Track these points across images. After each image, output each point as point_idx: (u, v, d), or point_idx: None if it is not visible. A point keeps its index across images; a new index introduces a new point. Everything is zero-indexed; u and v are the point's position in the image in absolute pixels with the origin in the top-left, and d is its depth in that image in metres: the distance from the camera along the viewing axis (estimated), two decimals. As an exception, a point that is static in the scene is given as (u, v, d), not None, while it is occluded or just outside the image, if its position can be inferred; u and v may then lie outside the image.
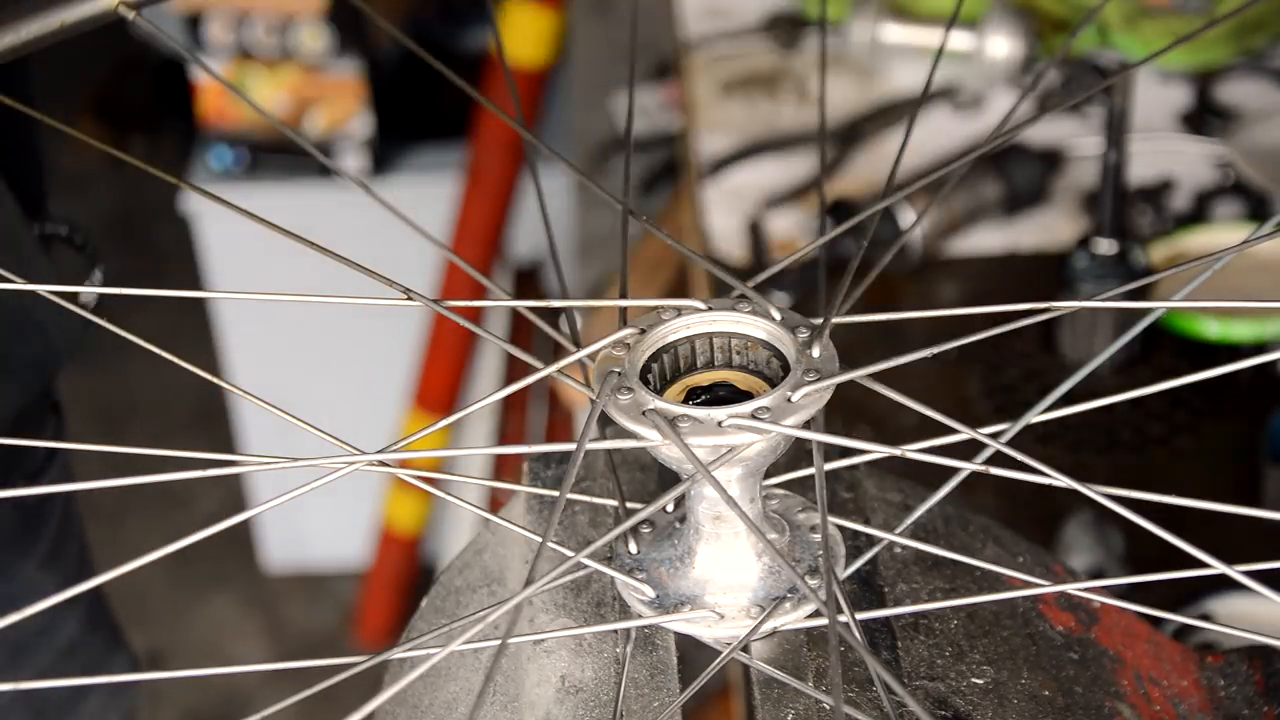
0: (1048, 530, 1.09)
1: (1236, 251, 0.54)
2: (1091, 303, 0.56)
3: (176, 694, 2.58)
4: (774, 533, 0.58)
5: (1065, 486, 0.51)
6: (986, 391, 1.27)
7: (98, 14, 0.61)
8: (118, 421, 3.05)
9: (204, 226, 2.45)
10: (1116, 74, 1.40)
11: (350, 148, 2.41)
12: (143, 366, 3.08)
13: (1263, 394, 1.22)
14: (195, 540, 0.53)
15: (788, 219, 1.49)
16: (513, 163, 2.29)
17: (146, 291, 0.60)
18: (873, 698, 0.55)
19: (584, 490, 0.64)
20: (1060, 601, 0.63)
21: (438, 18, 2.63)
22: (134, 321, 0.54)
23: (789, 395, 0.53)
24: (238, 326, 2.54)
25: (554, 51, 2.27)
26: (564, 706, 0.57)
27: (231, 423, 2.69)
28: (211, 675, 0.91)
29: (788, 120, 1.63)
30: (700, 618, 0.56)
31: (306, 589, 2.75)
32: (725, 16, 1.80)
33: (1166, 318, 1.28)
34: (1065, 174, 1.49)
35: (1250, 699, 0.63)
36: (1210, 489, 1.18)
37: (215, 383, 0.59)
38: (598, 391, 0.54)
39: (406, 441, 0.58)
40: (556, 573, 0.54)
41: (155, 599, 2.71)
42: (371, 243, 1.40)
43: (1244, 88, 1.60)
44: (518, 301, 0.61)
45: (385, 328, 2.50)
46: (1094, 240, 1.27)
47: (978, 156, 0.60)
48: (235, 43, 2.36)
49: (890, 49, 1.66)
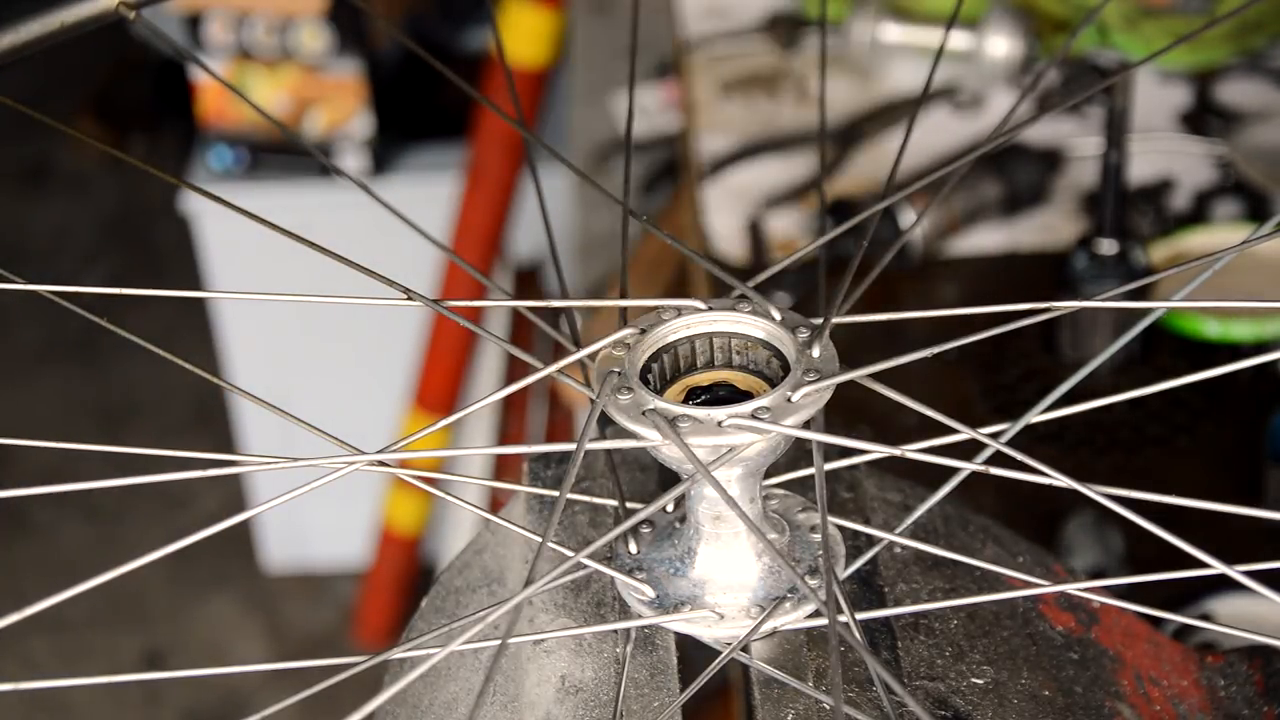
0: (1048, 530, 1.09)
1: (1236, 251, 0.54)
2: (1091, 303, 0.56)
3: (176, 694, 2.58)
4: (774, 533, 0.58)
5: (1065, 486, 0.51)
6: (986, 391, 1.27)
7: (98, 14, 0.61)
8: (118, 421, 3.05)
9: (204, 226, 2.45)
10: (1116, 74, 1.40)
11: (350, 148, 2.41)
12: (143, 366, 3.09)
13: (1263, 394, 1.22)
14: (195, 540, 0.53)
15: (788, 219, 1.49)
16: (513, 163, 2.29)
17: (146, 291, 0.60)
18: (873, 698, 0.55)
19: (584, 490, 0.64)
20: (1060, 601, 0.63)
21: (438, 18, 2.63)
22: (134, 321, 0.54)
23: (789, 395, 0.53)
24: (238, 326, 2.54)
25: (554, 51, 2.27)
26: (564, 706, 0.57)
27: (231, 423, 2.69)
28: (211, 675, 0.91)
29: (788, 120, 1.63)
30: (700, 618, 0.56)
31: (306, 589, 2.74)
32: (725, 16, 1.80)
33: (1166, 318, 1.28)
34: (1065, 174, 1.49)
35: (1250, 699, 0.63)
36: (1210, 489, 1.18)
37: (215, 383, 0.59)
38: (598, 391, 0.54)
39: (406, 441, 0.58)
40: (556, 573, 0.54)
41: (155, 599, 2.71)
42: (371, 243, 1.40)
43: (1244, 88, 1.60)
44: (518, 301, 0.61)
45: (385, 328, 2.50)
46: (1094, 240, 1.27)
47: (978, 156, 0.60)
48: (235, 43, 2.36)
49: (890, 49, 1.66)
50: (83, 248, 3.44)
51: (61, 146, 3.62)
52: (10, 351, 3.19)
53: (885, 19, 1.66)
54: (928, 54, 1.65)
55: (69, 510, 2.84)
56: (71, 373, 3.14)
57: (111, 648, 2.66)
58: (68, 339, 3.18)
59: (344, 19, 2.32)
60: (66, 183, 3.59)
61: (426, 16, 2.62)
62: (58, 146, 3.62)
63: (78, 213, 3.51)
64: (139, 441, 2.95)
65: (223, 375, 2.20)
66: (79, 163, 3.59)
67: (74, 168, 3.60)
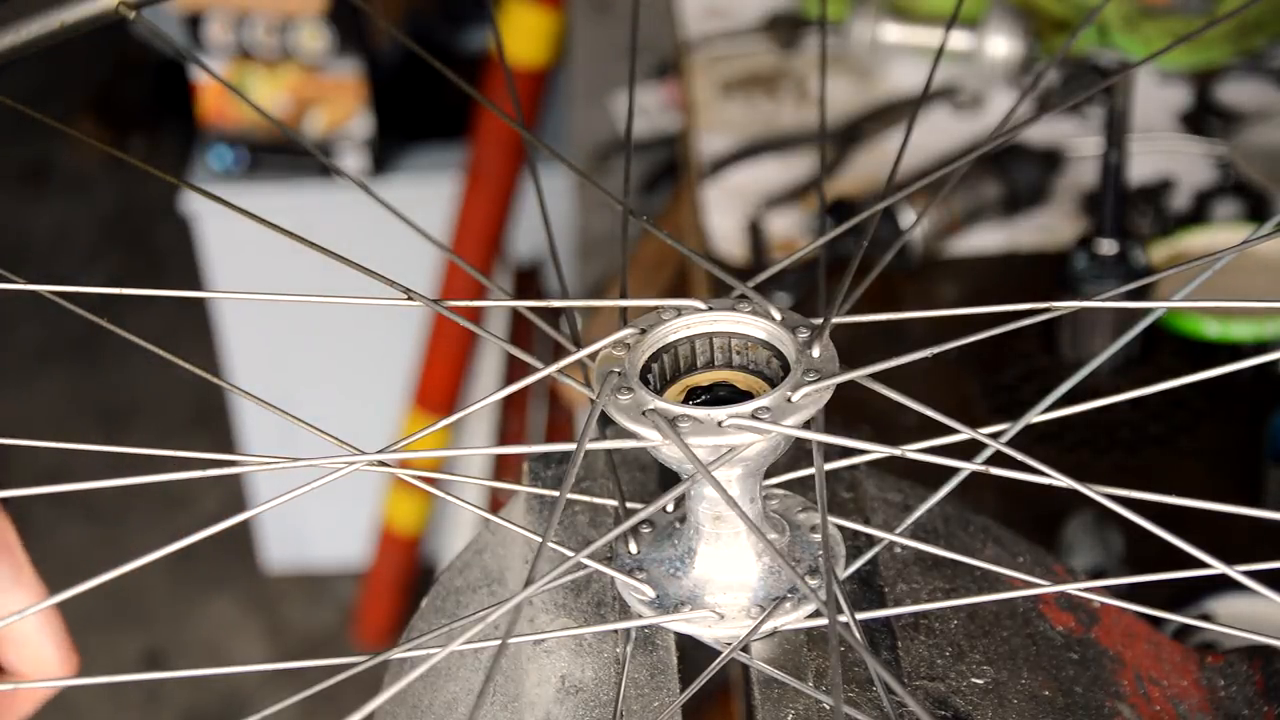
0: (1048, 530, 1.09)
1: (1236, 251, 0.54)
2: (1091, 303, 0.56)
3: (176, 694, 2.58)
4: (774, 533, 0.58)
5: (1065, 486, 0.51)
6: (986, 391, 1.27)
7: (98, 14, 0.61)
8: (118, 421, 3.06)
9: (204, 226, 2.45)
10: (1116, 74, 1.40)
11: (350, 148, 2.41)
12: (143, 366, 3.09)
13: (1263, 394, 1.22)
14: (195, 540, 0.53)
15: (788, 219, 1.49)
16: (513, 163, 2.29)
17: (146, 291, 0.60)
18: (873, 698, 0.55)
19: (584, 490, 0.64)
20: (1060, 601, 0.63)
21: (438, 18, 2.63)
22: (134, 322, 0.54)
23: (789, 395, 0.53)
24: (238, 326, 2.54)
25: (554, 51, 2.27)
26: (564, 706, 0.57)
27: (231, 423, 2.69)
28: (211, 675, 0.91)
29: (788, 120, 1.63)
30: (700, 618, 0.56)
31: (306, 589, 2.75)
32: (725, 16, 1.80)
33: (1166, 318, 1.28)
34: (1065, 174, 1.49)
35: (1250, 699, 0.63)
36: (1210, 489, 1.18)
37: (215, 383, 0.59)
38: (598, 391, 0.54)
39: (406, 441, 0.58)
40: (556, 573, 0.54)
41: (155, 599, 2.71)
42: (371, 243, 1.40)
43: (1244, 88, 1.60)
44: (518, 301, 0.61)
45: (385, 328, 2.50)
46: (1094, 240, 1.27)
47: (978, 156, 0.60)
48: (235, 43, 2.36)
49: (890, 49, 1.66)
50: (83, 248, 3.44)
51: (61, 146, 3.62)
52: (10, 351, 3.19)
53: (885, 19, 1.66)
54: (928, 54, 1.65)
55: (69, 510, 2.84)
56: (71, 373, 3.14)
57: (111, 648, 2.66)
58: (68, 339, 3.19)
59: (344, 19, 2.32)
60: (66, 183, 3.60)
61: (426, 16, 2.63)
62: (58, 146, 3.62)
63: (78, 213, 3.51)
64: (139, 441, 2.96)
65: (223, 375, 2.20)
66: (79, 163, 3.60)
67: (74, 168, 3.60)
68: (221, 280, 2.48)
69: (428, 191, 2.38)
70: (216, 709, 2.57)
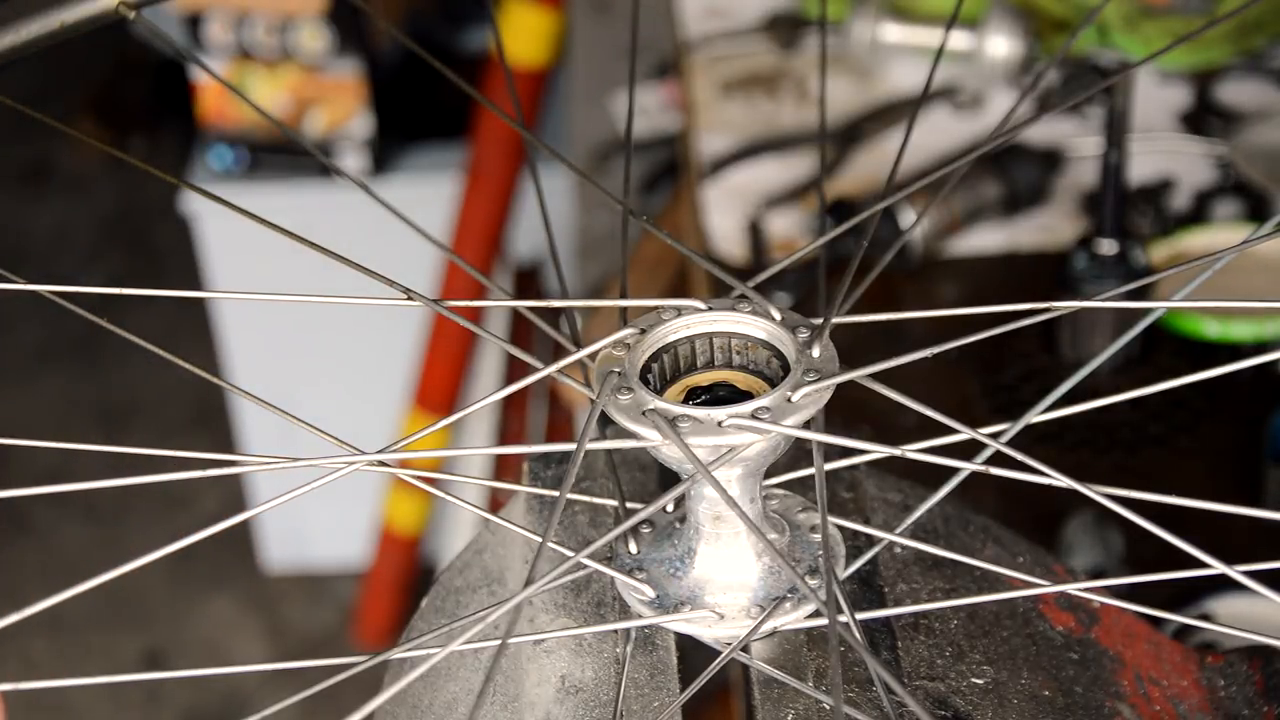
0: (1048, 530, 1.09)
1: (1236, 251, 0.54)
2: (1091, 303, 0.56)
3: (176, 694, 2.58)
4: (774, 533, 0.58)
5: (1065, 486, 0.51)
6: (986, 391, 1.27)
7: (98, 14, 0.61)
8: (118, 421, 3.06)
9: (204, 226, 2.45)
10: (1116, 74, 1.40)
11: (350, 148, 2.41)
12: (143, 366, 3.09)
13: (1263, 394, 1.22)
14: (195, 540, 0.53)
15: (788, 219, 1.49)
16: (513, 163, 2.29)
17: (146, 291, 0.60)
18: (873, 698, 0.55)
19: (584, 490, 0.64)
20: (1060, 601, 0.63)
21: (438, 18, 2.63)
22: (134, 322, 0.54)
23: (789, 395, 0.53)
24: (238, 326, 2.54)
25: (554, 51, 2.27)
26: (564, 706, 0.57)
27: (231, 423, 2.69)
28: (211, 675, 0.91)
29: (788, 120, 1.63)
30: (700, 618, 0.56)
31: (306, 589, 2.74)
32: (725, 16, 1.80)
33: (1166, 318, 1.28)
34: (1065, 174, 1.49)
35: (1250, 699, 0.63)
36: (1210, 489, 1.18)
37: (215, 383, 0.59)
38: (598, 391, 0.54)
39: (406, 441, 0.58)
40: (556, 573, 0.54)
41: (155, 599, 2.71)
42: (371, 243, 1.40)
43: (1244, 88, 1.60)
44: (518, 301, 0.61)
45: (385, 328, 2.50)
46: (1094, 240, 1.27)
47: (978, 156, 0.60)
48: (235, 43, 2.36)
49: (890, 49, 1.66)
50: (83, 248, 3.44)
51: (61, 146, 3.62)
52: (10, 351, 3.19)
53: (885, 19, 1.66)
54: (928, 54, 1.65)
55: (69, 510, 2.84)
56: (71, 373, 3.14)
57: (111, 648, 2.66)
58: (68, 339, 3.19)
59: (344, 19, 2.32)
60: (66, 183, 3.59)
61: (426, 16, 2.63)
62: (58, 146, 3.62)
63: (78, 213, 3.51)
64: (139, 441, 2.96)
65: (223, 375, 2.20)
66: (79, 163, 3.59)
67: (74, 168, 3.60)
68: (221, 280, 2.48)
69: (428, 191, 2.38)
70: (216, 709, 2.57)
